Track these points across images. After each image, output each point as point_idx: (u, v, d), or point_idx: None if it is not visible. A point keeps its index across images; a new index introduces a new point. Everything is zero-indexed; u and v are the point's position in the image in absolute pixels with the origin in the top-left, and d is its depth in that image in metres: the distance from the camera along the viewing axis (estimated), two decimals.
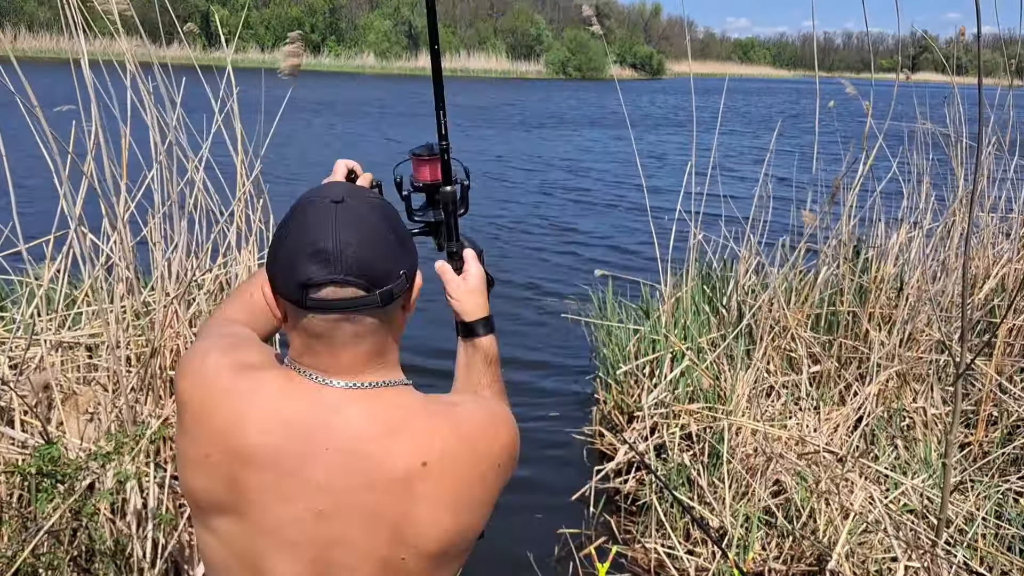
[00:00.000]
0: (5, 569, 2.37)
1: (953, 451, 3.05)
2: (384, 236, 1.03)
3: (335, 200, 1.02)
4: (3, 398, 2.98)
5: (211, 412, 1.06)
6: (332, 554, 1.04)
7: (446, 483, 1.05)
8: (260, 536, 1.04)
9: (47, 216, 3.36)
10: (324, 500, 1.03)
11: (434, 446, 1.05)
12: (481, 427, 1.11)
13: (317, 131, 18.87)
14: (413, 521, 1.03)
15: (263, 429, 1.03)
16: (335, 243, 0.99)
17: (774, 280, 4.43)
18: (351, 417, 1.05)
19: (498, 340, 1.34)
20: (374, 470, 1.03)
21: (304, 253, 1.00)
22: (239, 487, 1.03)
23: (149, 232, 3.42)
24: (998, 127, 4.87)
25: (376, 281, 1.02)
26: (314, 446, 1.03)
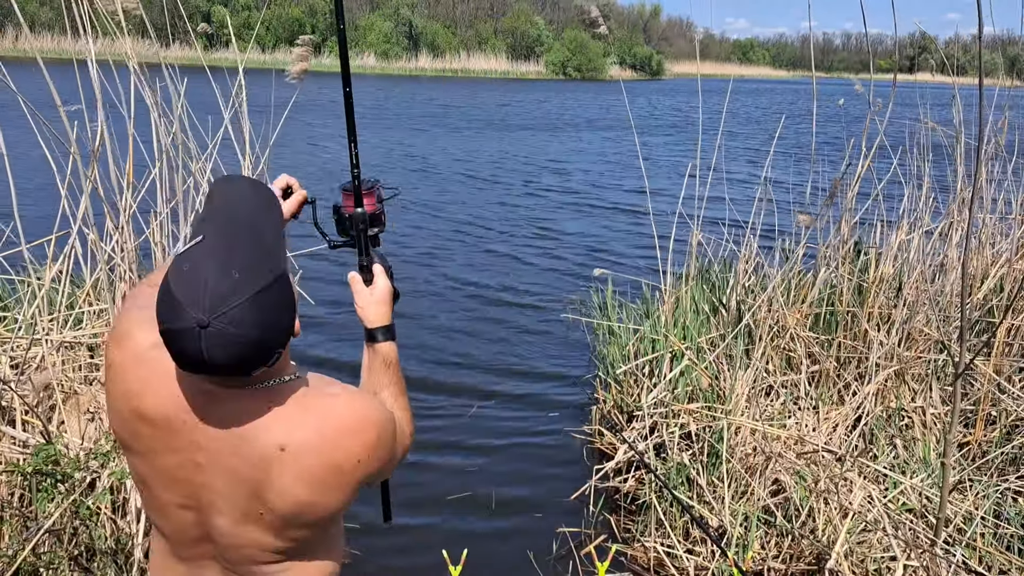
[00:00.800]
0: (6, 568, 2.38)
1: (952, 450, 3.06)
2: (252, 345, 1.10)
3: (201, 326, 1.07)
4: (4, 398, 2.99)
5: (124, 376, 1.25)
6: (203, 492, 1.24)
7: (301, 468, 1.19)
8: (152, 472, 1.26)
9: (50, 216, 3.37)
10: (201, 455, 1.22)
11: (294, 437, 1.19)
12: (347, 425, 1.23)
13: (317, 132, 18.88)
14: (269, 488, 1.20)
15: (158, 399, 1.22)
16: (208, 358, 1.08)
17: (773, 280, 4.44)
18: (233, 401, 1.20)
19: (397, 346, 1.48)
20: (243, 444, 1.20)
21: (182, 361, 1.11)
22: (139, 438, 1.25)
23: (152, 232, 3.42)
24: (997, 127, 4.88)
25: (250, 370, 1.14)
26: (198, 417, 1.20)
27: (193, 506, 1.26)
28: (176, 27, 4.73)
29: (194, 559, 1.33)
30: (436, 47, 59.45)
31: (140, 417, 1.23)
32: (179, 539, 1.32)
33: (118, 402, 1.26)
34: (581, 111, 30.50)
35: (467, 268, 8.40)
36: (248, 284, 1.10)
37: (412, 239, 9.33)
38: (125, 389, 1.25)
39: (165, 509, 1.29)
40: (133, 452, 1.28)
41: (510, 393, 5.25)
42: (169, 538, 1.34)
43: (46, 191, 3.35)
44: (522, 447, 4.55)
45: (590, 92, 43.45)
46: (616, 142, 20.83)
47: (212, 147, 3.61)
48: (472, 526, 3.76)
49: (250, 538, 1.26)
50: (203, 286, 1.07)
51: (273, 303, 1.12)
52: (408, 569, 3.41)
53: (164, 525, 1.32)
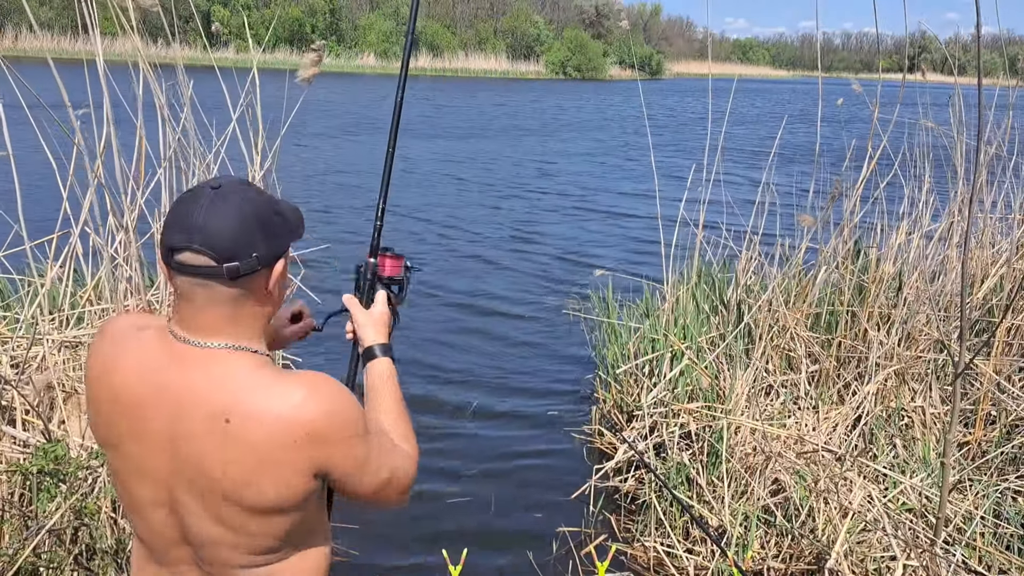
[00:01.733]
0: (7, 567, 2.38)
1: (951, 450, 3.06)
2: (243, 220, 1.19)
3: (214, 187, 1.21)
4: (5, 397, 2.99)
5: (100, 359, 1.28)
6: (172, 484, 1.24)
7: (244, 440, 1.19)
8: (127, 465, 1.27)
9: (52, 215, 3.37)
10: (166, 443, 1.23)
11: (240, 406, 1.19)
12: (288, 397, 1.21)
13: (306, 131, 18.88)
14: (218, 470, 1.20)
15: (128, 375, 1.24)
16: (198, 218, 1.17)
17: (773, 280, 4.45)
18: (188, 372, 1.22)
19: (395, 363, 1.52)
20: (194, 421, 1.20)
21: (176, 223, 1.19)
22: (113, 426, 1.26)
23: (156, 231, 3.42)
24: (997, 127, 4.89)
25: (225, 256, 1.18)
26: (160, 395, 1.22)
27: (165, 502, 1.26)
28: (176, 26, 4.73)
29: (172, 564, 1.32)
30: (436, 47, 59.43)
31: (113, 398, 1.24)
32: (157, 542, 1.31)
33: (96, 389, 1.27)
34: (577, 112, 30.47)
35: (466, 268, 8.40)
36: (263, 194, 1.26)
37: (411, 240, 9.34)
38: (100, 370, 1.27)
39: (141, 508, 1.29)
40: (110, 445, 1.29)
41: (509, 392, 5.25)
42: (147, 541, 1.33)
43: (49, 190, 3.35)
44: (522, 446, 4.55)
45: (588, 92, 43.44)
46: (610, 143, 20.82)
47: (221, 144, 3.60)
48: (472, 526, 3.76)
49: (218, 534, 1.25)
50: (228, 176, 1.29)
51: (272, 217, 1.24)
52: (408, 569, 3.41)
53: (141, 527, 1.32)
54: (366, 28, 57.35)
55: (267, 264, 1.24)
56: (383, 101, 30.01)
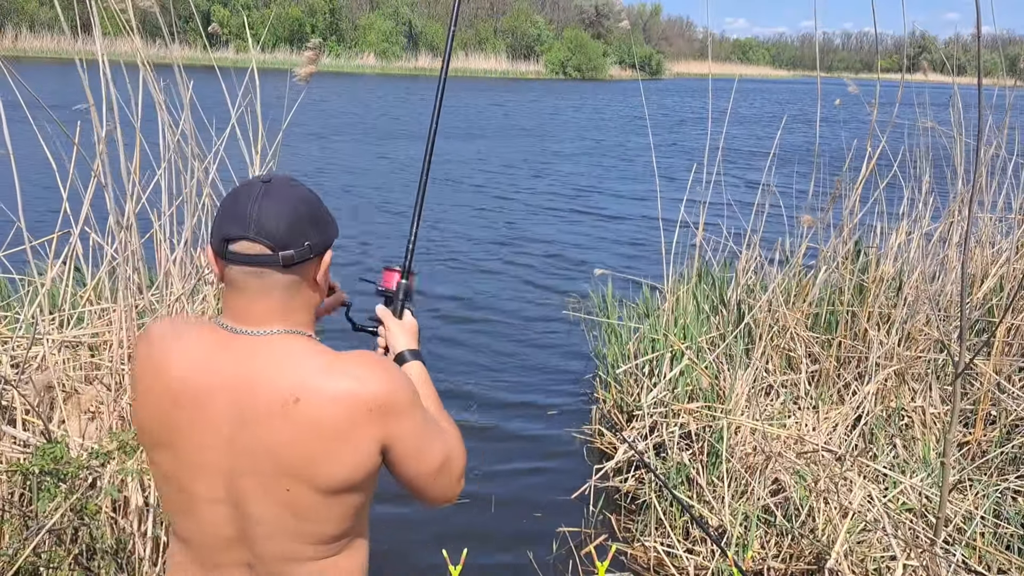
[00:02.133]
0: (7, 567, 2.38)
1: (951, 450, 3.06)
2: (295, 212, 1.25)
3: (265, 180, 1.27)
4: (5, 397, 2.99)
5: (152, 358, 1.29)
6: (234, 477, 1.25)
7: (312, 417, 1.21)
8: (184, 463, 1.27)
9: (53, 215, 3.37)
10: (228, 430, 1.24)
11: (307, 384, 1.22)
12: (353, 372, 1.25)
13: (297, 131, 18.88)
14: (288, 446, 1.22)
15: (183, 368, 1.26)
16: (252, 210, 1.23)
17: (774, 280, 4.45)
18: (248, 358, 1.25)
19: (426, 366, 1.57)
20: (259, 404, 1.22)
21: (230, 215, 1.24)
22: (169, 421, 1.26)
23: (155, 231, 3.43)
24: (997, 127, 4.88)
25: (280, 244, 1.23)
26: (220, 383, 1.24)
27: (224, 498, 1.26)
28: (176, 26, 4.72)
29: (222, 567, 1.31)
30: (436, 47, 59.40)
31: (171, 394, 1.25)
32: (209, 544, 1.30)
33: (149, 384, 1.28)
34: (575, 112, 30.46)
35: (465, 268, 8.40)
36: (304, 187, 1.31)
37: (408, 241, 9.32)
38: (154, 367, 1.28)
39: (195, 507, 1.28)
40: (164, 444, 1.28)
41: (510, 393, 5.25)
42: (196, 545, 1.31)
43: (49, 190, 3.35)
44: (522, 447, 4.55)
45: (587, 92, 43.43)
46: (608, 143, 20.82)
47: (220, 144, 3.60)
48: (472, 526, 3.76)
49: (281, 522, 1.26)
50: (276, 173, 1.31)
51: (321, 209, 1.31)
52: (408, 569, 3.41)
53: (192, 529, 1.31)
54: (366, 28, 57.33)
55: (318, 253, 1.29)
56: (380, 101, 30.01)
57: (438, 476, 1.37)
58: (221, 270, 1.28)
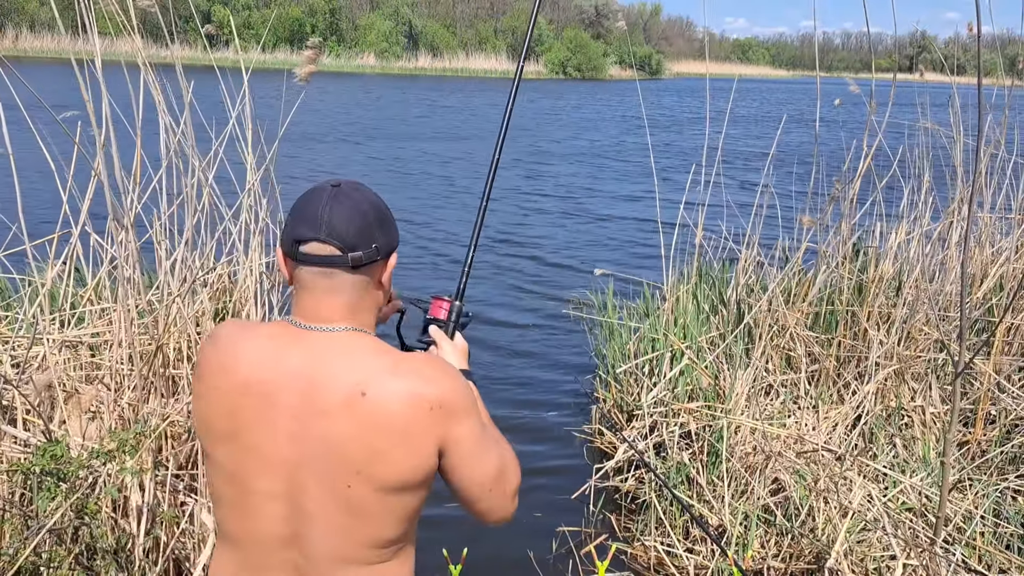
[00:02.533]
0: (7, 567, 2.38)
1: (951, 449, 3.06)
2: (363, 215, 1.29)
3: (334, 185, 1.31)
4: (6, 396, 3.00)
5: (216, 354, 1.33)
6: (297, 472, 1.27)
7: (379, 413, 1.24)
8: (247, 457, 1.29)
9: (52, 215, 3.37)
10: (294, 424, 1.26)
11: (373, 380, 1.25)
12: (424, 372, 1.29)
13: (296, 131, 18.88)
14: (353, 441, 1.24)
15: (254, 362, 1.29)
16: (323, 212, 1.27)
17: (773, 279, 4.45)
18: (317, 353, 1.28)
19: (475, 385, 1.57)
20: (327, 398, 1.25)
21: (301, 218, 1.29)
22: (236, 415, 1.28)
23: (155, 231, 3.43)
24: (996, 127, 4.89)
25: (350, 246, 1.27)
26: (289, 376, 1.27)
27: (284, 493, 1.28)
28: (176, 26, 4.71)
29: (270, 570, 1.32)
30: (435, 47, 59.41)
31: (239, 389, 1.28)
32: (260, 543, 1.31)
33: (214, 381, 1.31)
34: (573, 112, 30.42)
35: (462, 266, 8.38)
36: (371, 191, 1.36)
37: (408, 242, 9.34)
38: (220, 365, 1.31)
39: (252, 503, 1.29)
40: (227, 439, 1.30)
41: (509, 392, 5.25)
42: (246, 545, 1.32)
43: (49, 190, 3.35)
44: (522, 446, 4.54)
45: (586, 92, 43.42)
46: (607, 143, 20.82)
47: (220, 143, 3.60)
48: (472, 525, 3.75)
49: (342, 524, 1.27)
50: (342, 178, 1.35)
51: (387, 212, 1.35)
52: None
53: (246, 527, 1.32)
54: (366, 28, 57.32)
55: (385, 255, 1.33)
56: (377, 101, 30.00)
57: (493, 487, 1.39)
58: (291, 272, 1.32)
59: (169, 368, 3.29)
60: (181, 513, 2.99)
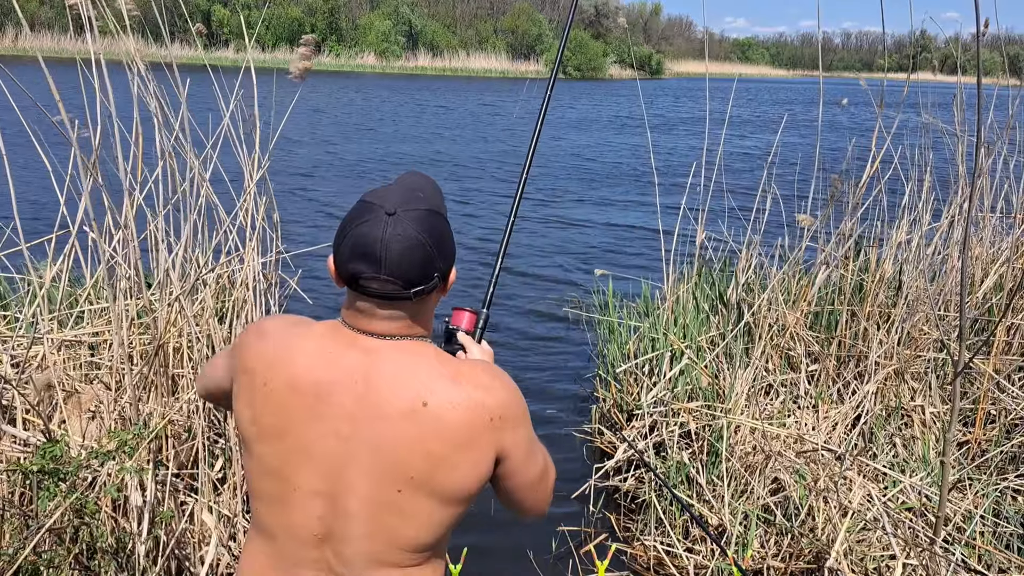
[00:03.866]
0: (6, 567, 2.38)
1: (951, 449, 3.06)
2: (423, 248, 1.25)
3: (389, 212, 1.25)
4: (5, 396, 2.99)
5: (267, 349, 1.32)
6: (343, 471, 1.27)
7: (439, 422, 1.24)
8: (294, 454, 1.28)
9: (50, 214, 3.37)
10: (347, 425, 1.26)
11: (435, 390, 1.25)
12: (483, 382, 1.30)
13: (323, 132, 18.87)
14: (410, 448, 1.24)
15: (308, 361, 1.28)
16: (382, 250, 1.23)
17: (773, 279, 4.45)
18: (376, 359, 1.27)
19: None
20: (385, 403, 1.25)
21: (358, 252, 1.24)
22: (286, 411, 1.28)
23: (152, 230, 3.42)
24: (997, 126, 4.89)
25: (411, 283, 1.25)
26: (345, 377, 1.26)
27: (327, 491, 1.27)
28: (176, 26, 4.69)
29: (299, 567, 1.32)
30: (435, 46, 59.40)
31: (291, 385, 1.27)
32: (295, 539, 1.31)
33: (264, 377, 1.29)
34: (571, 113, 30.38)
35: (463, 268, 8.39)
36: (428, 202, 1.30)
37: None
38: (271, 360, 1.30)
39: (293, 499, 1.29)
40: (274, 434, 1.29)
41: None
42: (280, 538, 1.32)
43: (47, 190, 3.35)
44: None
45: (584, 92, 43.39)
46: (605, 143, 20.82)
47: (215, 142, 3.60)
48: (472, 525, 3.76)
49: (381, 526, 1.27)
50: (393, 192, 1.29)
51: (443, 230, 1.30)
52: None
53: (282, 520, 1.31)
54: (365, 27, 57.32)
55: (445, 278, 1.33)
56: (376, 100, 29.98)
57: (538, 487, 1.42)
58: (348, 291, 1.31)
59: (169, 368, 3.29)
60: (181, 513, 2.99)
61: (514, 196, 1.93)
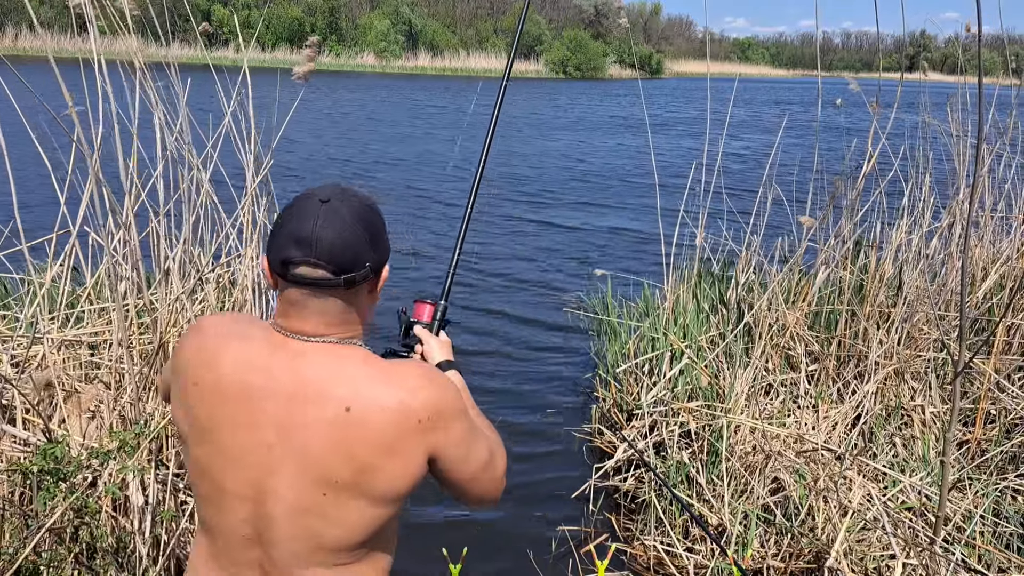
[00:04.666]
0: (7, 567, 2.38)
1: (951, 449, 3.06)
2: (355, 234, 1.25)
3: (323, 200, 1.26)
4: (5, 396, 2.99)
5: (203, 348, 1.31)
6: (268, 476, 1.26)
7: (365, 427, 1.23)
8: (220, 456, 1.28)
9: (51, 214, 3.37)
10: (273, 432, 1.25)
11: (360, 394, 1.24)
12: (412, 385, 1.27)
13: (323, 130, 18.86)
14: (335, 452, 1.23)
15: (236, 363, 1.28)
16: (313, 234, 1.22)
17: (773, 279, 4.45)
18: (302, 362, 1.26)
19: (461, 373, 1.67)
20: (310, 408, 1.24)
21: (290, 238, 1.24)
22: (213, 413, 1.28)
23: (153, 230, 3.42)
24: (998, 126, 4.89)
25: (342, 268, 1.24)
26: (271, 381, 1.26)
27: (252, 495, 1.27)
28: (176, 25, 4.70)
29: (238, 565, 1.32)
30: (435, 46, 59.40)
31: (218, 388, 1.27)
32: (228, 539, 1.32)
33: (200, 375, 1.29)
34: (569, 113, 30.35)
35: (462, 267, 8.40)
36: (365, 200, 1.31)
37: (402, 239, 9.34)
38: (206, 360, 1.30)
39: (222, 500, 1.29)
40: (204, 435, 1.29)
41: (509, 391, 5.25)
42: (217, 538, 1.33)
43: (48, 189, 3.35)
44: (521, 446, 4.55)
45: (583, 92, 43.38)
46: (605, 143, 20.82)
47: (215, 141, 3.60)
48: (472, 524, 3.77)
49: (305, 529, 1.26)
50: (330, 187, 1.30)
51: (378, 224, 1.31)
52: (408, 568, 3.41)
53: (216, 521, 1.32)
54: (365, 27, 57.31)
55: (377, 271, 1.31)
56: (374, 100, 29.98)
57: (481, 477, 1.40)
58: (277, 283, 1.30)
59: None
60: (182, 512, 2.99)
61: (470, 192, 1.93)
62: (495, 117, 2.03)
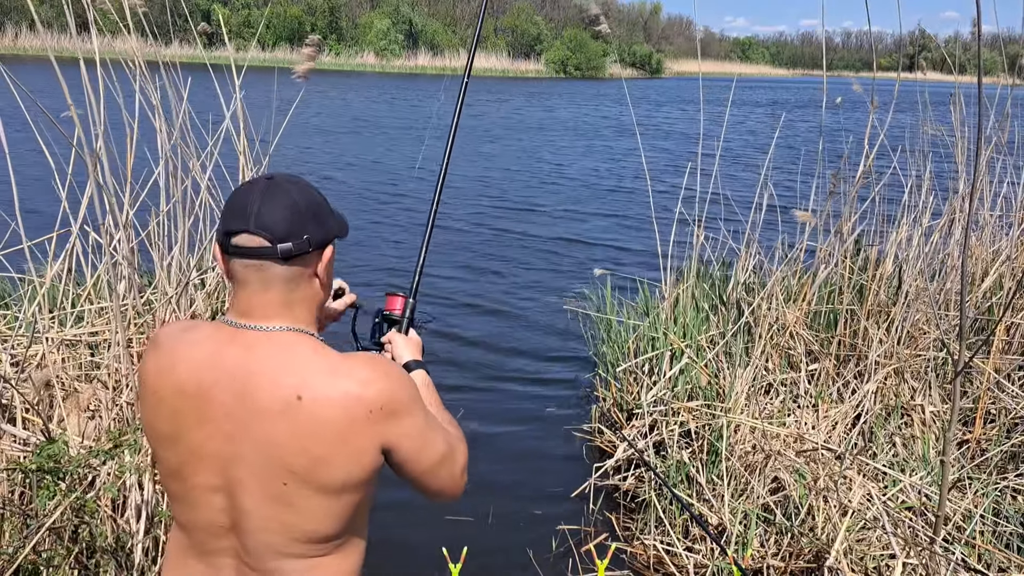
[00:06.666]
0: (6, 566, 2.38)
1: (951, 448, 3.06)
2: (295, 206, 1.28)
3: (268, 178, 1.32)
4: (5, 396, 2.99)
5: (158, 359, 1.33)
6: (232, 468, 1.28)
7: (316, 417, 1.24)
8: (188, 456, 1.30)
9: (51, 214, 3.37)
10: (230, 423, 1.27)
11: (310, 384, 1.25)
12: (363, 375, 1.28)
13: (321, 130, 18.86)
14: (288, 443, 1.24)
15: (191, 364, 1.29)
16: (253, 204, 1.27)
17: (773, 278, 4.44)
18: (253, 354, 1.28)
19: (429, 373, 1.66)
20: (262, 400, 1.25)
21: (233, 210, 1.28)
22: (176, 416, 1.30)
23: (151, 230, 3.42)
24: (998, 125, 4.88)
25: (279, 237, 1.26)
26: (224, 376, 1.27)
27: (222, 487, 1.29)
28: (176, 25, 4.72)
29: (214, 555, 1.35)
30: (435, 45, 59.38)
31: (178, 391, 1.29)
32: (203, 531, 1.34)
33: (157, 384, 1.32)
34: (568, 112, 30.33)
35: (465, 267, 8.40)
36: (308, 183, 1.35)
37: (403, 237, 9.33)
38: (160, 369, 1.32)
39: (194, 496, 1.32)
40: (169, 439, 1.31)
41: (509, 391, 5.25)
42: (192, 531, 1.36)
43: (48, 189, 3.35)
44: (522, 445, 4.55)
45: (581, 92, 43.36)
46: (604, 143, 20.81)
47: (215, 142, 3.60)
48: (472, 524, 3.76)
49: (276, 520, 1.28)
50: (277, 173, 1.35)
51: (320, 202, 1.34)
52: (408, 567, 3.41)
53: (190, 516, 1.34)
54: (365, 26, 57.29)
55: (318, 247, 1.32)
56: (372, 98, 29.95)
57: (438, 471, 1.40)
58: (226, 265, 1.31)
59: None
60: None
61: (435, 190, 1.97)
62: (456, 119, 2.04)
